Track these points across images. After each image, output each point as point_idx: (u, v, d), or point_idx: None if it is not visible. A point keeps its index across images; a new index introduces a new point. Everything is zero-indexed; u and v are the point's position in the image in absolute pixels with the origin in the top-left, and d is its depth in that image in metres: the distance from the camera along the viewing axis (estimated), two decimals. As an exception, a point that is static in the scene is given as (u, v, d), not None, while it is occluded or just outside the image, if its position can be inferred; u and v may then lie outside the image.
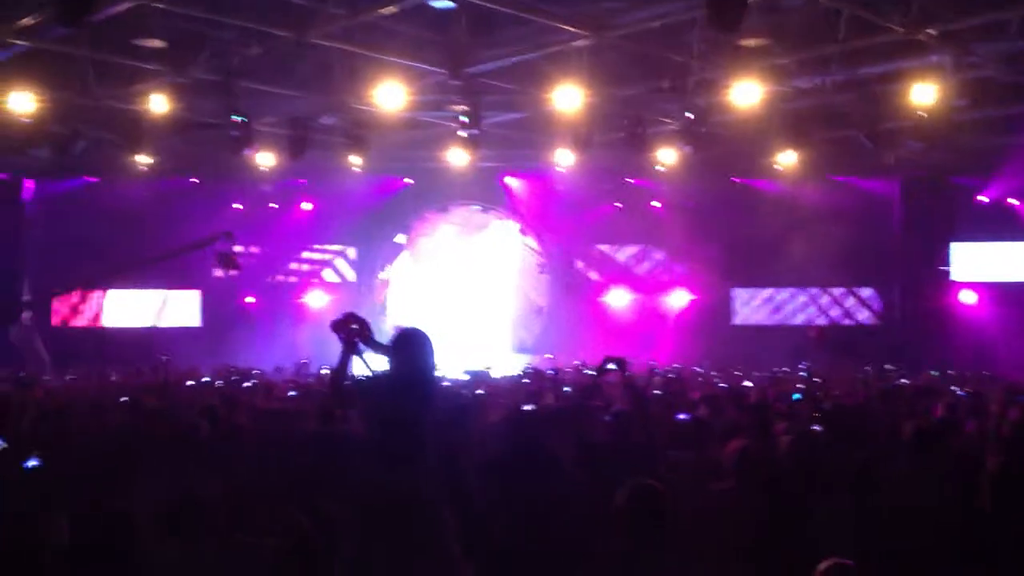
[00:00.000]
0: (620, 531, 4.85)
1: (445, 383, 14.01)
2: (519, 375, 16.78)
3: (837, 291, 27.00)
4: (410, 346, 5.68)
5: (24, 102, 16.65)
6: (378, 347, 5.84)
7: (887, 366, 16.55)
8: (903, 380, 13.96)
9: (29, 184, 24.87)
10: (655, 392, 10.47)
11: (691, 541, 5.36)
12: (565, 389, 11.53)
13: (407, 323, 6.74)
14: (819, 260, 24.27)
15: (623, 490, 5.01)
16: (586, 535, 5.75)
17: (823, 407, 9.59)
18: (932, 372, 16.43)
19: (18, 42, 15.38)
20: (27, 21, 14.29)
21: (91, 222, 23.55)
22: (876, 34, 15.88)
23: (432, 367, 5.72)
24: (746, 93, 16.90)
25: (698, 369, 16.15)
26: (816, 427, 8.38)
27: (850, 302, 27.12)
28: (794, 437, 7.86)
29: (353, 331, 5.73)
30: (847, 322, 26.54)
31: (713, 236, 26.62)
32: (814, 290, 27.07)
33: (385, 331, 23.77)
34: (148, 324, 26.49)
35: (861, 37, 16.18)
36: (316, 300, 26.86)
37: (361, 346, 5.78)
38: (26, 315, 24.44)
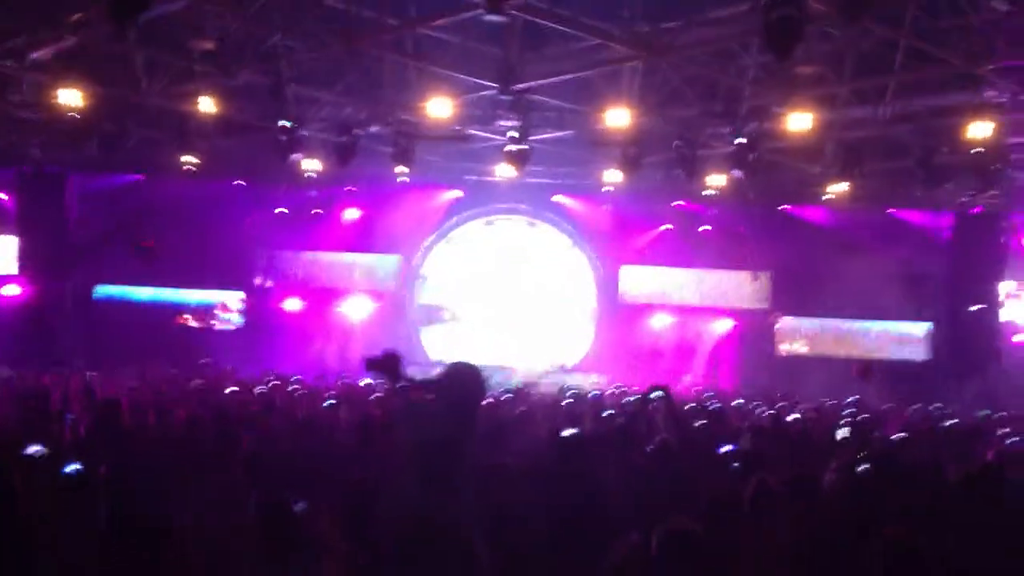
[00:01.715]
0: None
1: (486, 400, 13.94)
2: (558, 392, 16.61)
3: (884, 324, 26.60)
4: (458, 382, 5.60)
5: (74, 97, 16.77)
6: (414, 383, 5.77)
7: (934, 405, 16.19)
8: (950, 420, 13.63)
9: (75, 179, 25.07)
10: (699, 423, 10.27)
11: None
12: (608, 413, 11.37)
13: (457, 358, 6.63)
14: (867, 292, 23.91)
15: (658, 535, 4.84)
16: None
17: (870, 446, 9.35)
18: (981, 412, 16.05)
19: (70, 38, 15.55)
20: (79, 17, 14.41)
21: (134, 219, 23.72)
22: (933, 67, 15.69)
23: (478, 402, 5.65)
24: (799, 120, 16.73)
25: (738, 402, 15.89)
26: (863, 466, 8.15)
27: (897, 336, 26.68)
28: (838, 476, 7.66)
29: (388, 371, 5.65)
30: (894, 357, 26.06)
31: (761, 263, 26.43)
32: (861, 322, 26.67)
33: (425, 346, 23.86)
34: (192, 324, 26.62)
35: (917, 69, 16.00)
36: (357, 308, 26.84)
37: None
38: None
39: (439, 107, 17.08)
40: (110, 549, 4.87)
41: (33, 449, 6.54)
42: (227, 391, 13.92)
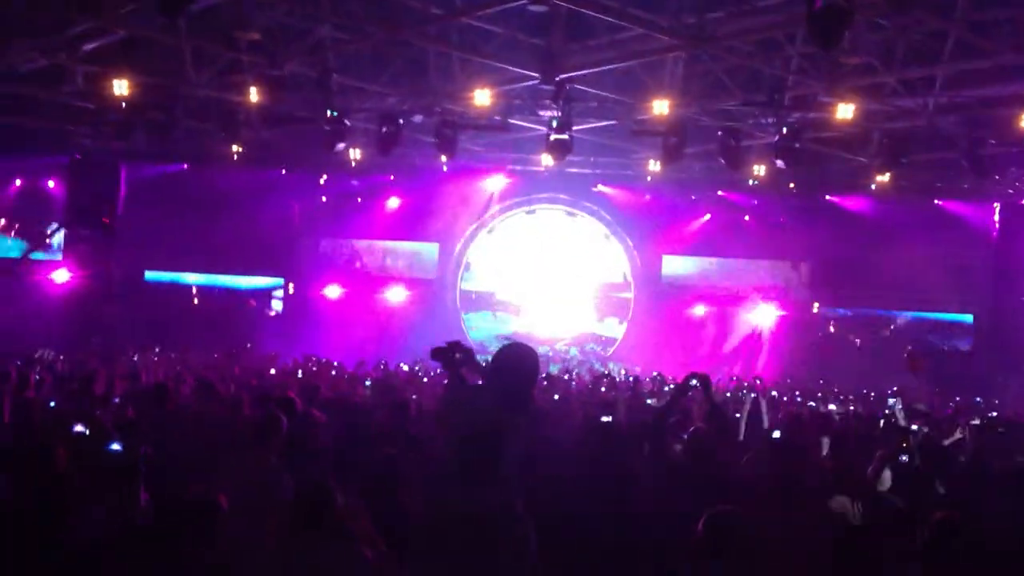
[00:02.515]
0: (701, 560, 4.70)
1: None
2: (594, 380, 16.65)
3: (928, 315, 26.33)
4: (510, 366, 5.52)
5: (124, 87, 17.05)
6: (481, 371, 5.76)
7: (977, 399, 16.01)
8: (992, 414, 13.48)
9: (124, 167, 25.47)
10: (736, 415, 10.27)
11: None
12: (649, 402, 11.40)
13: (509, 339, 6.65)
14: (911, 282, 23.73)
15: (704, 520, 4.84)
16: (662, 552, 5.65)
17: (914, 438, 9.27)
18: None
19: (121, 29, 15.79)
20: (130, 8, 14.62)
21: (181, 206, 24.07)
22: (982, 57, 15.47)
23: (530, 386, 5.54)
24: (844, 110, 16.58)
25: (774, 394, 15.81)
26: (904, 457, 8.11)
27: (941, 327, 26.39)
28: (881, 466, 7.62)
29: (454, 359, 5.65)
30: (938, 347, 25.77)
31: (802, 253, 26.28)
32: (905, 312, 26.41)
33: (467, 333, 23.98)
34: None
35: (966, 60, 15.79)
36: (397, 295, 27.02)
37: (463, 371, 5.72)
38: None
39: (482, 97, 17.13)
40: (149, 526, 4.99)
41: (78, 429, 6.70)
42: (270, 373, 14.16)
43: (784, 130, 17.42)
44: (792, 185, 23.97)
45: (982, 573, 5.36)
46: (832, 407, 12.95)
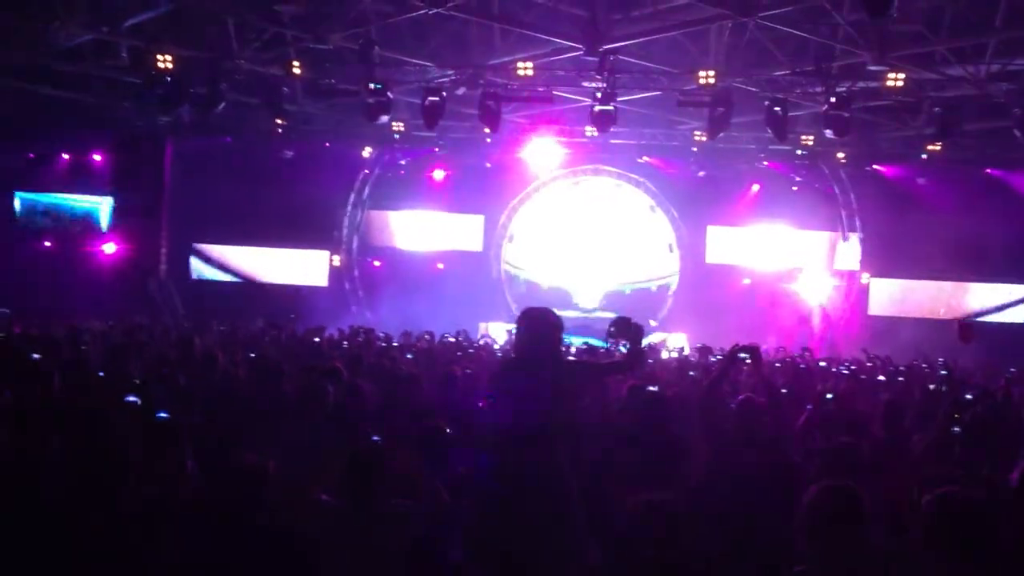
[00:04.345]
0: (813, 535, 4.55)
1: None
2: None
3: (981, 286, 25.95)
4: (529, 326, 5.58)
5: (168, 62, 17.17)
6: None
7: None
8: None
9: (169, 140, 25.68)
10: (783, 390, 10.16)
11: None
12: (691, 374, 11.32)
13: (531, 304, 6.64)
14: (962, 253, 23.42)
15: (815, 491, 4.71)
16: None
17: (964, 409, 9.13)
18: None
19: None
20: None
21: (226, 180, 24.24)
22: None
23: (552, 344, 5.57)
24: (894, 79, 16.32)
25: (823, 364, 15.67)
26: (956, 428, 7.97)
27: (995, 298, 26.00)
28: (930, 439, 7.52)
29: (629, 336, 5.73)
30: (992, 320, 25.39)
31: (852, 224, 26.03)
32: (957, 283, 26.05)
33: (511, 303, 23.99)
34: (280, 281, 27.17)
35: (1019, 28, 15.45)
36: (441, 267, 27.09)
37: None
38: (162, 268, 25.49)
39: (525, 68, 17.05)
40: (198, 492, 5.05)
41: (131, 399, 6.77)
42: (315, 341, 14.25)
43: (832, 99, 17.17)
44: (841, 155, 23.66)
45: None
46: (881, 378, 12.78)
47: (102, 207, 26.01)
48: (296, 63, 17.88)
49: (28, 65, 18.93)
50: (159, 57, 17.25)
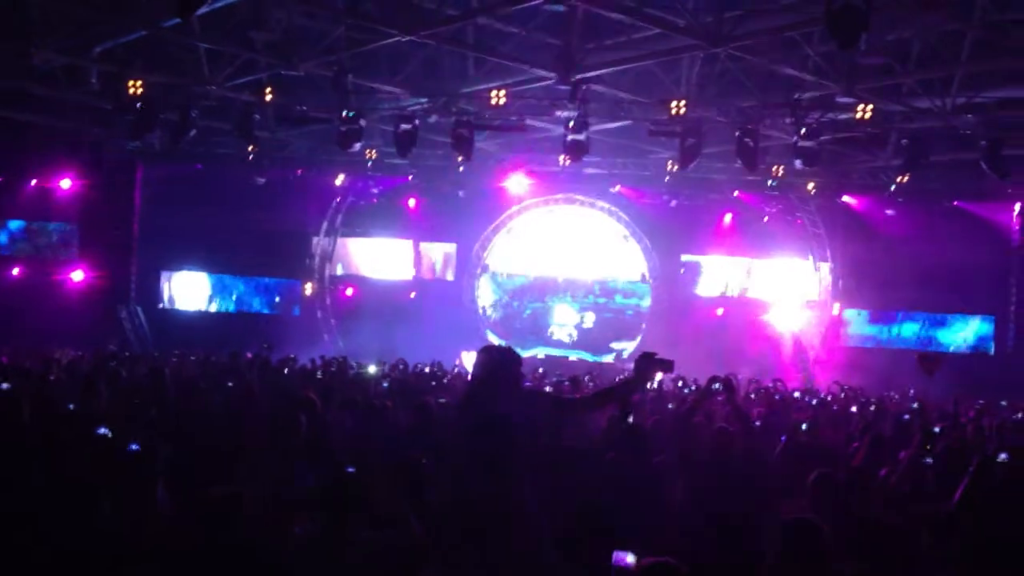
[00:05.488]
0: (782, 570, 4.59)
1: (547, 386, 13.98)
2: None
3: (948, 317, 26.21)
4: (485, 361, 5.58)
5: (140, 87, 17.11)
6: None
7: (1002, 402, 15.88)
8: (1018, 415, 13.36)
9: (140, 166, 25.53)
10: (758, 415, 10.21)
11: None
12: (669, 406, 11.34)
13: (502, 333, 6.65)
14: (930, 284, 23.65)
15: (782, 530, 4.75)
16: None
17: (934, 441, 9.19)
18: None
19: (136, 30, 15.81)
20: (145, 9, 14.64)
21: (197, 207, 24.09)
22: (1000, 58, 15.37)
23: (511, 379, 5.57)
24: (862, 111, 16.50)
25: (796, 395, 15.73)
26: (928, 460, 8.02)
27: (962, 329, 26.26)
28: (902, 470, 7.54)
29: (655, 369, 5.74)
30: (959, 350, 25.64)
31: (822, 254, 26.26)
32: (924, 314, 26.29)
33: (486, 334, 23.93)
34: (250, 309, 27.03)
35: (985, 60, 15.69)
36: (414, 296, 27.04)
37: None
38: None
39: (497, 97, 17.10)
40: (170, 521, 4.99)
41: (101, 430, 6.69)
42: (285, 372, 14.16)
43: (802, 131, 17.33)
44: (811, 186, 23.89)
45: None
46: (853, 409, 12.86)
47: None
48: (268, 89, 17.85)
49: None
50: (130, 83, 17.18)
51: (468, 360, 23.77)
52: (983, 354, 25.55)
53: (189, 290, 27.34)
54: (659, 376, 8.54)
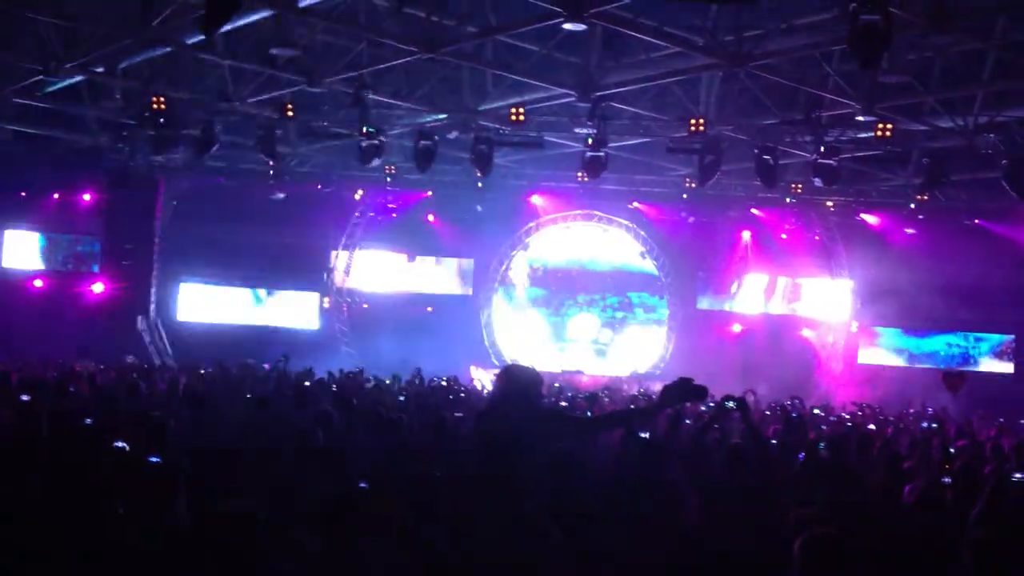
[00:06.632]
0: None
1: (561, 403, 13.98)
2: (631, 398, 16.62)
3: (970, 336, 26.05)
4: (507, 382, 5.58)
5: (163, 103, 17.27)
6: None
7: (1022, 420, 15.75)
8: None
9: (162, 181, 25.70)
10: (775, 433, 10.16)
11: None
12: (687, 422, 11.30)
13: (511, 360, 6.68)
14: (951, 303, 23.51)
15: (800, 540, 4.73)
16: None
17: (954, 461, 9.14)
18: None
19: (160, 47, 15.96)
20: (169, 26, 14.77)
21: (217, 220, 24.23)
22: (1022, 77, 15.33)
23: (530, 399, 5.57)
24: (882, 129, 16.47)
25: (817, 411, 15.65)
26: (946, 479, 7.97)
27: (984, 348, 26.10)
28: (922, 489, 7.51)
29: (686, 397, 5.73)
30: (981, 369, 25.46)
31: (841, 272, 26.17)
32: (946, 334, 26.15)
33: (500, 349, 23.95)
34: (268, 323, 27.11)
35: (1006, 80, 15.65)
36: (431, 310, 27.09)
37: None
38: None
39: (517, 113, 17.17)
40: (189, 536, 5.01)
41: (119, 444, 6.72)
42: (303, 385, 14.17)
43: (822, 149, 17.33)
44: (830, 203, 23.82)
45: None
46: (871, 427, 12.79)
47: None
48: (290, 105, 17.99)
49: (23, 104, 19.01)
50: (154, 99, 17.35)
51: (478, 375, 23.82)
52: (1006, 373, 25.35)
53: (208, 303, 27.43)
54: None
